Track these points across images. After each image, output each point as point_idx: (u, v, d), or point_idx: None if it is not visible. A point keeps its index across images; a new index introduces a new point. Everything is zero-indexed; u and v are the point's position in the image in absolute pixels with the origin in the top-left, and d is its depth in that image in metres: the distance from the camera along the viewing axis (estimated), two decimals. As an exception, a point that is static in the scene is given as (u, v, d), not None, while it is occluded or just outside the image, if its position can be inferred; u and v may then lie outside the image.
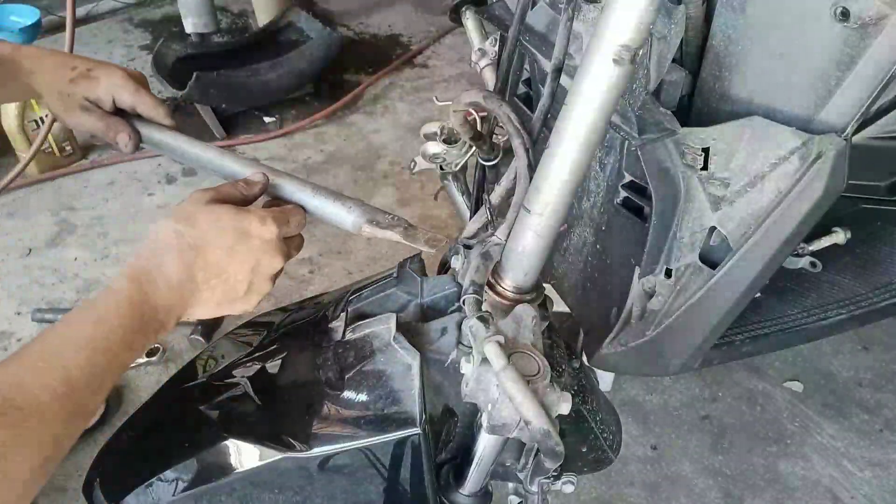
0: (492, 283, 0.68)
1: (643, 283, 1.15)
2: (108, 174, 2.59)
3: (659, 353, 1.19)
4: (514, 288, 0.67)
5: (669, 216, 1.06)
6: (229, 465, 0.75)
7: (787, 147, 0.89)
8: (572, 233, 1.33)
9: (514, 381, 0.58)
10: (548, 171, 0.58)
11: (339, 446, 0.72)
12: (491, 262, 0.70)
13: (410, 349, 0.72)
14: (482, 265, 0.69)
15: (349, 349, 0.76)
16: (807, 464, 1.66)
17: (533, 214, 0.61)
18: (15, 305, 2.03)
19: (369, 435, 0.71)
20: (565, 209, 0.60)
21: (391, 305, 0.81)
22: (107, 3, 3.70)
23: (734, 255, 0.98)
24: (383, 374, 0.72)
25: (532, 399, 0.58)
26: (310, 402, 0.75)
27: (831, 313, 1.41)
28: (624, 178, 1.11)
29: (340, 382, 0.74)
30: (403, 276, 0.82)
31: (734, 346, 1.32)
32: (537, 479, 0.71)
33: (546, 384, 0.61)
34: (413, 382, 0.71)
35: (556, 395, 0.61)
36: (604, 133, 0.56)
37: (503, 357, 0.58)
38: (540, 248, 0.63)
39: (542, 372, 0.62)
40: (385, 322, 0.76)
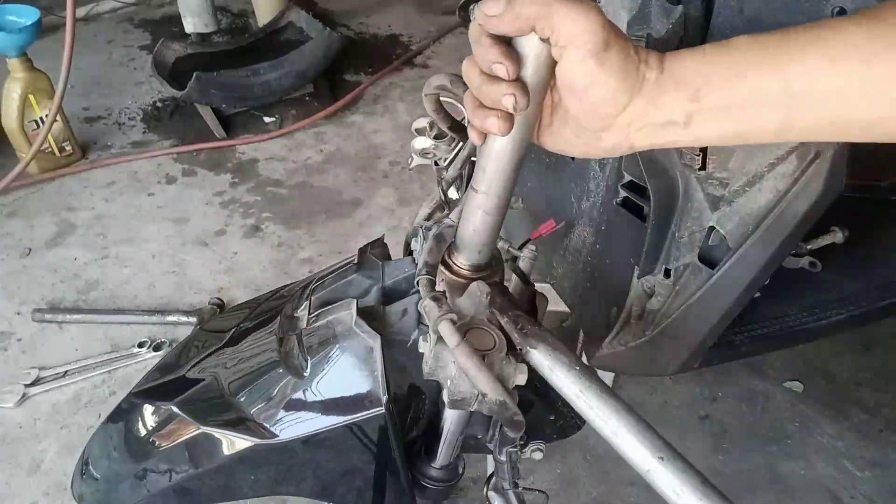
0: (448, 263, 0.70)
1: (642, 283, 1.15)
2: (108, 174, 2.59)
3: (658, 352, 1.19)
4: (469, 266, 0.69)
5: (668, 216, 1.06)
6: (205, 455, 0.78)
7: (785, 147, 0.89)
8: (572, 233, 1.33)
9: (467, 357, 0.60)
10: (490, 150, 0.60)
11: (308, 431, 0.74)
12: (445, 243, 0.72)
13: (371, 332, 0.74)
14: (435, 246, 0.71)
15: (313, 336, 0.79)
16: (807, 464, 1.66)
17: (479, 193, 0.62)
18: (15, 305, 2.03)
19: (336, 417, 0.74)
20: (510, 185, 0.62)
21: (353, 291, 0.83)
22: (107, 3, 3.71)
23: (733, 255, 0.98)
24: (346, 358, 0.75)
25: (486, 372, 0.60)
26: (278, 389, 0.77)
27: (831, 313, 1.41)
28: (623, 179, 1.12)
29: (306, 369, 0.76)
30: (364, 261, 0.85)
31: (734, 346, 1.32)
32: (504, 449, 0.73)
33: (502, 357, 0.63)
34: (375, 365, 0.73)
35: (511, 367, 0.63)
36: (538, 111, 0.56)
37: (456, 334, 0.61)
38: (489, 225, 0.65)
39: (497, 345, 0.64)
40: (346, 307, 0.78)
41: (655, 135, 0.54)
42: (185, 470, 0.78)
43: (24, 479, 1.59)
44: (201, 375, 0.85)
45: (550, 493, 1.60)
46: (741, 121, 0.51)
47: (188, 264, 2.20)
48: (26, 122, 2.44)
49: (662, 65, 0.51)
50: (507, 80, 0.52)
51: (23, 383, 1.78)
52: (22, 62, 2.35)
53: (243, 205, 2.47)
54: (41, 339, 1.93)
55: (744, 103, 0.50)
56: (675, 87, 0.51)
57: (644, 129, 0.54)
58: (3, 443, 1.66)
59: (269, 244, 2.29)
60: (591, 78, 0.50)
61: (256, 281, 2.14)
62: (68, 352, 1.89)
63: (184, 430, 0.79)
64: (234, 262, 2.21)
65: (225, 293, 2.08)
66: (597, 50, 0.49)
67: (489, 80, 0.52)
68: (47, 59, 2.51)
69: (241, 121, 2.89)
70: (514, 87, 0.52)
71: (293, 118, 2.93)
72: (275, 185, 2.57)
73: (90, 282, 2.12)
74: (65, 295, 2.07)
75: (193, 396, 0.82)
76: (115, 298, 2.07)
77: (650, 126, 0.53)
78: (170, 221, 2.38)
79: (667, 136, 0.54)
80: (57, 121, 2.43)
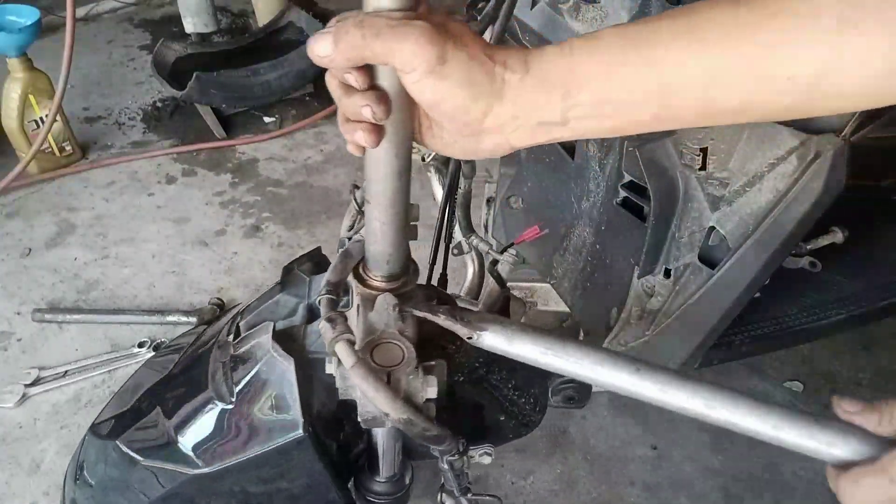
0: (362, 276, 0.69)
1: (642, 283, 1.15)
2: (108, 174, 2.59)
3: (658, 353, 1.19)
4: (380, 278, 0.68)
5: (668, 216, 1.06)
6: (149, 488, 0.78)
7: (785, 147, 0.89)
8: (572, 233, 1.33)
9: (362, 378, 0.58)
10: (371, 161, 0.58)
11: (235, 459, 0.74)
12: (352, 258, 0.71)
13: (285, 355, 0.74)
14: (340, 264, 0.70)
15: (238, 363, 0.78)
16: (807, 464, 1.66)
17: (373, 205, 0.61)
18: (15, 305, 2.03)
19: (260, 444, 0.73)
20: (400, 194, 0.60)
21: (281, 311, 0.82)
22: (107, 3, 3.71)
23: (733, 255, 0.98)
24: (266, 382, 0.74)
25: (384, 391, 0.58)
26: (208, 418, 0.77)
27: (831, 313, 1.40)
28: (623, 179, 1.12)
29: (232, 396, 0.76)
30: (290, 280, 0.84)
31: (734, 346, 1.32)
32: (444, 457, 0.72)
33: (410, 370, 0.61)
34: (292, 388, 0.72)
35: (419, 380, 0.61)
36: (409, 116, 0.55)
37: (352, 355, 0.59)
38: (388, 235, 0.64)
39: (405, 359, 0.62)
40: (264, 331, 0.77)
41: (534, 134, 0.53)
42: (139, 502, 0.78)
43: (24, 479, 1.59)
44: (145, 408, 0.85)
45: (551, 494, 1.60)
46: (617, 114, 0.51)
47: (188, 264, 2.20)
48: (26, 122, 2.44)
49: (527, 65, 0.50)
50: (362, 91, 0.51)
51: (23, 383, 1.78)
52: (22, 62, 2.35)
53: (243, 205, 2.47)
54: (41, 339, 1.93)
55: (617, 98, 0.49)
56: (545, 88, 0.50)
57: (519, 130, 0.53)
58: (3, 443, 1.66)
59: (269, 244, 2.29)
60: (435, 94, 0.50)
61: (256, 281, 2.14)
62: (68, 352, 1.89)
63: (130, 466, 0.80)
64: (234, 262, 2.21)
65: (225, 293, 2.08)
66: (430, 68, 0.48)
67: (347, 92, 0.52)
68: (47, 59, 2.51)
69: (241, 121, 2.89)
70: (370, 97, 0.51)
71: (293, 118, 2.92)
72: (275, 185, 2.57)
73: (90, 282, 2.12)
74: (65, 295, 2.07)
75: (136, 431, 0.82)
76: (115, 298, 2.07)
77: (525, 127, 0.52)
78: (170, 221, 2.38)
79: (546, 135, 0.53)
80: (57, 121, 2.43)
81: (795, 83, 0.45)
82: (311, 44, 0.49)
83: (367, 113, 0.51)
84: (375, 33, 0.47)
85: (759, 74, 0.46)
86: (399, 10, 0.49)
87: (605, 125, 0.52)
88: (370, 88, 0.51)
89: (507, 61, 0.50)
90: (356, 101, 0.51)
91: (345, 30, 0.48)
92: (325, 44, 0.48)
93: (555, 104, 0.50)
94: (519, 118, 0.52)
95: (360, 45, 0.48)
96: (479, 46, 0.50)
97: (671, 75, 0.48)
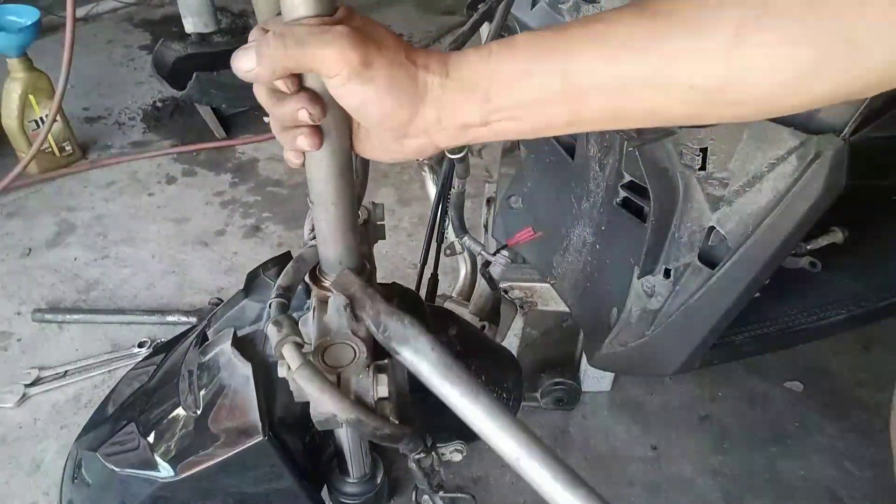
0: (318, 278, 0.70)
1: (642, 283, 1.15)
2: (108, 174, 2.59)
3: (659, 353, 1.19)
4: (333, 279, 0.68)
5: (668, 216, 1.06)
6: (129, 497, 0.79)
7: (785, 147, 0.89)
8: (572, 233, 1.33)
9: (307, 380, 0.58)
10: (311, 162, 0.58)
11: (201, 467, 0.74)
12: (305, 263, 0.71)
13: (243, 361, 0.74)
14: (292, 268, 0.70)
15: (203, 371, 0.79)
16: (807, 464, 1.66)
17: (318, 205, 0.62)
18: (15, 305, 2.03)
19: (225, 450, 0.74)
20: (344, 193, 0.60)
21: (247, 317, 0.83)
22: (107, 3, 3.71)
23: (733, 255, 0.98)
24: (228, 388, 0.75)
25: (330, 392, 0.58)
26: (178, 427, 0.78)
27: (831, 313, 1.40)
28: (623, 179, 1.11)
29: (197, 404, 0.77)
30: (255, 286, 0.85)
31: (734, 346, 1.31)
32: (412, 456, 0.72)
33: (360, 370, 0.61)
34: (251, 393, 0.73)
35: (369, 379, 0.61)
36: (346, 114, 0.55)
37: (297, 357, 0.59)
38: (336, 235, 0.64)
39: (356, 359, 0.62)
40: (225, 338, 0.78)
41: (457, 136, 0.54)
42: None
43: (24, 479, 1.59)
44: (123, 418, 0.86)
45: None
46: (533, 117, 0.52)
47: (188, 264, 2.20)
48: (26, 122, 2.44)
49: (447, 68, 0.51)
50: (294, 94, 0.51)
51: (23, 383, 1.78)
52: (22, 62, 2.35)
53: (243, 205, 2.47)
54: (41, 339, 1.93)
55: (532, 101, 0.50)
56: (464, 91, 0.51)
57: (443, 132, 0.53)
58: (3, 443, 1.66)
59: (269, 244, 2.29)
60: (361, 97, 0.50)
61: (256, 281, 2.14)
62: (68, 352, 1.89)
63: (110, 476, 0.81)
64: (234, 262, 2.21)
65: (225, 293, 2.08)
66: (355, 72, 0.48)
67: (279, 99, 0.52)
68: (47, 59, 2.51)
69: (241, 121, 2.89)
70: (302, 99, 0.51)
71: (293, 118, 2.92)
72: (275, 185, 2.57)
73: (90, 282, 2.12)
74: (65, 295, 2.07)
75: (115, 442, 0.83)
76: (115, 298, 2.07)
77: (448, 129, 0.53)
78: (170, 221, 2.38)
79: (468, 136, 0.54)
80: (57, 121, 2.43)
81: (698, 91, 0.47)
82: (234, 61, 0.49)
83: (303, 116, 0.51)
84: (297, 42, 0.47)
85: (663, 83, 0.47)
86: (318, 17, 0.49)
87: (524, 127, 0.53)
88: (300, 90, 0.51)
89: (429, 65, 0.51)
90: (290, 106, 0.51)
91: (266, 43, 0.48)
92: (248, 59, 0.48)
93: (475, 107, 0.51)
94: (442, 121, 0.52)
95: (282, 57, 0.48)
96: (401, 49, 0.51)
97: (581, 81, 0.49)
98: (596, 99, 0.49)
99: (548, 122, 0.52)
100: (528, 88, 0.50)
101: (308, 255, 0.71)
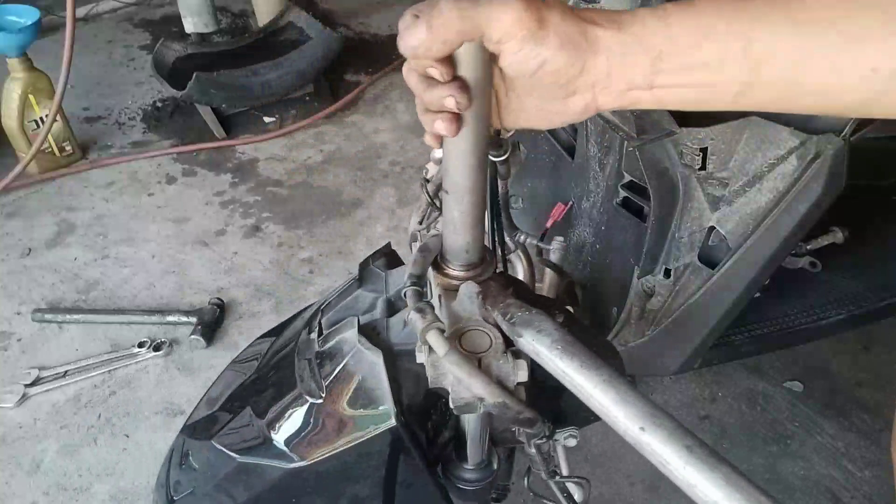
0: (441, 268, 0.71)
1: (642, 283, 1.15)
2: (108, 174, 2.59)
3: (659, 352, 1.19)
4: (459, 267, 0.69)
5: (668, 216, 1.06)
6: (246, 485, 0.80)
7: (785, 147, 0.89)
8: (572, 233, 1.33)
9: (456, 365, 0.60)
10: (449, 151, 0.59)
11: (331, 451, 0.76)
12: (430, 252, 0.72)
13: (373, 348, 0.75)
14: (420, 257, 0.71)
15: (325, 358, 0.80)
16: (807, 464, 1.66)
17: (450, 195, 0.63)
18: (15, 305, 2.03)
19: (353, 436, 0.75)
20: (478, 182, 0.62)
21: (360, 307, 0.84)
22: (107, 3, 3.71)
23: (733, 255, 0.99)
24: (355, 375, 0.76)
25: (479, 376, 0.60)
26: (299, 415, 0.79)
27: (831, 313, 1.41)
28: (623, 179, 1.12)
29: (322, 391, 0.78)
30: (366, 276, 0.86)
31: (734, 346, 1.32)
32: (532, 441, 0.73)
33: (499, 355, 0.63)
34: (381, 379, 0.74)
35: (509, 365, 0.63)
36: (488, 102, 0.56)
37: (444, 343, 0.61)
38: (467, 224, 0.65)
39: (493, 345, 0.64)
40: (349, 326, 0.79)
41: (620, 97, 0.53)
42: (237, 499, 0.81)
43: (24, 479, 1.59)
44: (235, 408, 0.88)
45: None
46: (703, 85, 0.51)
47: (188, 264, 2.20)
48: (26, 122, 2.44)
49: (619, 24, 0.50)
50: (445, 83, 0.51)
51: (23, 383, 1.78)
52: (22, 62, 2.35)
53: (243, 205, 2.47)
54: (41, 339, 1.93)
55: (706, 68, 0.49)
56: (637, 48, 0.50)
57: (609, 90, 0.53)
58: (3, 443, 1.66)
59: (269, 244, 2.29)
60: (537, 59, 0.49)
61: (256, 281, 2.14)
62: (68, 352, 1.89)
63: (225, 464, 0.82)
64: (234, 262, 2.21)
65: (225, 293, 2.08)
66: (532, 33, 0.48)
67: (429, 84, 0.52)
68: (47, 59, 2.51)
69: (241, 121, 2.89)
70: (452, 87, 0.51)
71: (293, 118, 2.92)
72: (275, 185, 2.57)
73: (90, 282, 2.12)
74: (65, 295, 2.07)
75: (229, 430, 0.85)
76: (115, 298, 2.07)
77: (615, 87, 0.52)
78: (170, 221, 2.38)
79: (631, 99, 0.53)
80: (57, 121, 2.43)
81: (879, 77, 0.46)
82: (403, 37, 0.48)
83: (450, 103, 0.51)
84: (472, 4, 0.47)
85: (846, 61, 0.46)
86: None
87: (689, 96, 0.52)
88: (453, 80, 0.51)
89: (597, 19, 0.50)
90: (439, 92, 0.51)
91: (438, 10, 0.47)
92: (419, 30, 0.47)
93: (645, 66, 0.50)
94: (611, 76, 0.51)
95: (457, 21, 0.47)
96: (567, 6, 0.50)
97: (761, 49, 0.48)
98: (773, 71, 0.48)
99: (716, 91, 0.50)
100: (706, 52, 0.49)
101: (432, 244, 0.72)
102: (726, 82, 0.50)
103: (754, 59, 0.48)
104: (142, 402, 1.76)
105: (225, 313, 2.01)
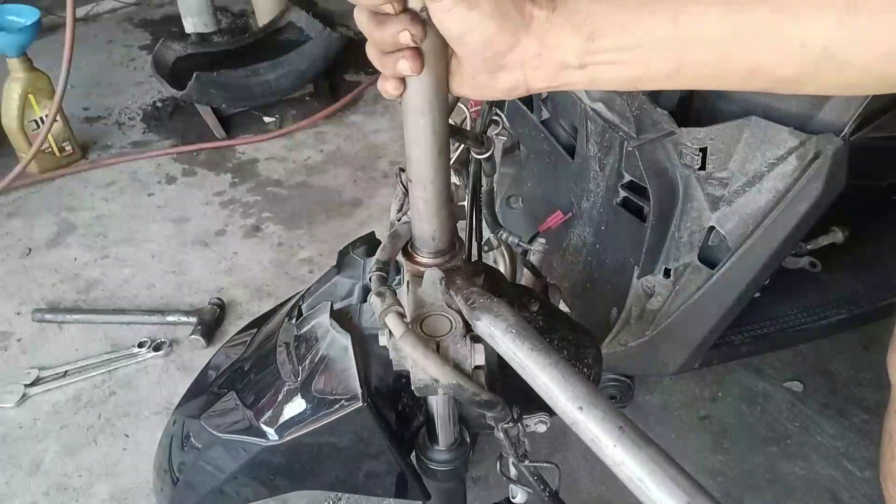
0: (410, 255, 0.73)
1: (642, 283, 1.15)
2: (108, 174, 2.59)
3: (658, 352, 1.19)
4: (427, 254, 0.71)
5: (668, 216, 1.06)
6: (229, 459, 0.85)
7: (785, 147, 0.89)
8: (572, 233, 1.33)
9: (412, 346, 0.62)
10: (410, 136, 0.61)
11: (303, 430, 0.80)
12: (400, 238, 0.74)
13: (343, 332, 0.80)
14: (389, 244, 0.74)
15: (301, 342, 0.84)
16: (807, 464, 1.66)
17: (414, 183, 0.65)
18: (15, 305, 2.03)
19: (327, 416, 0.79)
20: (440, 170, 0.63)
21: (339, 293, 0.88)
22: (107, 3, 3.71)
23: (733, 255, 0.99)
24: (327, 358, 0.80)
25: (434, 358, 0.62)
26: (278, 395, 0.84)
27: (831, 313, 1.41)
28: (623, 179, 1.12)
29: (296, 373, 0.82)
30: (345, 263, 0.90)
31: (734, 346, 1.32)
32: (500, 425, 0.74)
33: (458, 339, 0.65)
34: (350, 362, 0.78)
35: (466, 348, 0.65)
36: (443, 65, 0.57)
37: (402, 325, 0.63)
38: (432, 212, 0.67)
39: (453, 329, 0.66)
40: (322, 311, 0.83)
41: (551, 77, 0.54)
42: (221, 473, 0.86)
43: (23, 479, 1.59)
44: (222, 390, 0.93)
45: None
46: (635, 64, 0.51)
47: (188, 264, 2.20)
48: (26, 122, 2.44)
49: (554, 3, 0.51)
50: (396, 15, 0.51)
51: (23, 383, 1.78)
52: (22, 62, 2.35)
53: (243, 205, 2.47)
54: (41, 339, 1.93)
55: (638, 46, 0.50)
56: (569, 28, 0.51)
57: (539, 70, 0.53)
58: (3, 443, 1.66)
59: (269, 244, 2.29)
60: (465, 24, 0.50)
61: (256, 281, 2.14)
62: (68, 352, 1.89)
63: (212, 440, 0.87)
64: (234, 262, 2.21)
65: (225, 293, 2.08)
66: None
67: (379, 23, 0.52)
68: (47, 59, 2.51)
69: (241, 121, 2.89)
70: (405, 20, 0.51)
71: (293, 118, 2.92)
72: (275, 185, 2.57)
73: (90, 282, 2.12)
74: (65, 295, 2.07)
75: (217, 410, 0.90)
76: (115, 298, 2.07)
77: (545, 67, 0.53)
78: (170, 221, 2.38)
79: (563, 78, 0.54)
80: (57, 121, 2.43)
81: (808, 51, 0.46)
82: None
83: (405, 38, 0.51)
84: None
85: (776, 38, 0.47)
86: None
87: (622, 74, 0.52)
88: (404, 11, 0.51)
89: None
90: (392, 28, 0.51)
91: None
92: None
93: (578, 45, 0.51)
94: (541, 56, 0.52)
95: None
96: None
97: (692, 27, 0.48)
98: (704, 48, 0.49)
99: (649, 70, 0.51)
100: (638, 32, 0.49)
101: (402, 231, 0.75)
102: (659, 60, 0.51)
103: (685, 37, 0.49)
104: (142, 402, 1.76)
105: (225, 313, 2.01)
